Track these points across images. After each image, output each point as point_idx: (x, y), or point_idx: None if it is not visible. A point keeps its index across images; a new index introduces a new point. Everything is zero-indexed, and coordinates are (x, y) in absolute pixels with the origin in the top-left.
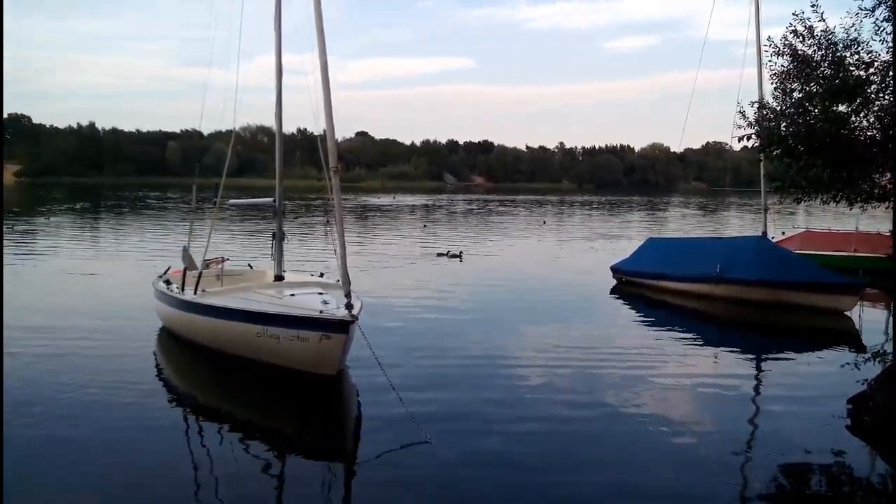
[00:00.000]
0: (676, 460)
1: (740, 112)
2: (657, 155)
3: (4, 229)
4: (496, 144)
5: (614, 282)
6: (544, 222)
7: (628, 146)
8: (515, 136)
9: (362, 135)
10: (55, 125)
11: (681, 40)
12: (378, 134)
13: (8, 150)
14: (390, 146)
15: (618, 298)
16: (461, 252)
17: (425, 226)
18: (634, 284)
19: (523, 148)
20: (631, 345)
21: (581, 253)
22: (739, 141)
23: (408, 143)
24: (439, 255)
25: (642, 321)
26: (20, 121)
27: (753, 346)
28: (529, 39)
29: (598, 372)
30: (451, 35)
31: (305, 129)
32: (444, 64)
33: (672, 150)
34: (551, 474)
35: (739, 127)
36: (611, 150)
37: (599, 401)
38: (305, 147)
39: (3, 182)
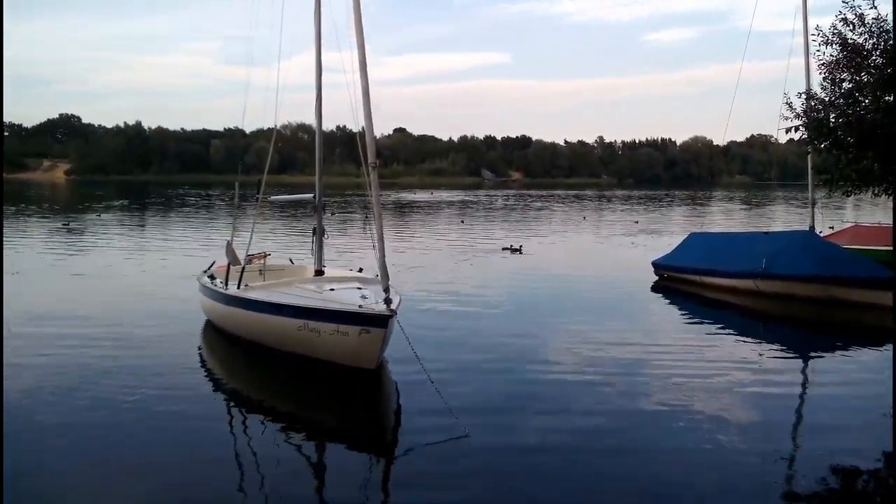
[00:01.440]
0: (718, 458)
1: (787, 103)
2: (699, 148)
3: (57, 225)
4: (534, 139)
5: (655, 278)
6: (584, 218)
7: (670, 140)
8: (554, 130)
9: (400, 131)
10: (103, 124)
11: (724, 32)
12: (416, 130)
13: (58, 150)
14: (428, 142)
15: (659, 294)
16: (521, 246)
17: (462, 221)
18: (676, 280)
19: (562, 143)
20: (672, 341)
21: (621, 248)
22: (787, 133)
23: (445, 139)
24: (504, 249)
25: (684, 317)
26: (70, 121)
27: (800, 343)
28: (568, 33)
29: (639, 368)
30: (488, 30)
31: (345, 127)
32: (482, 59)
33: (715, 143)
34: (589, 470)
35: (786, 118)
36: (651, 144)
37: (639, 397)
38: (345, 144)
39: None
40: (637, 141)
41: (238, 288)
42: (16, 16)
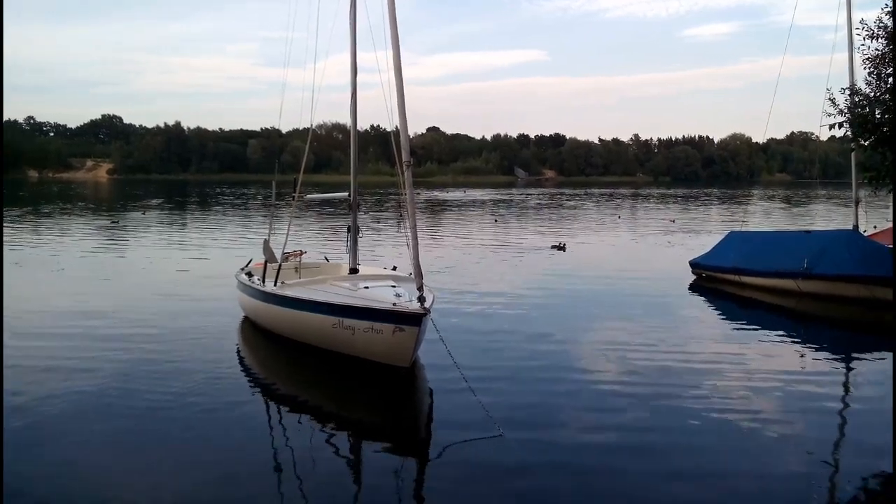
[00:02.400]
0: (756, 462)
1: (830, 99)
2: (738, 146)
3: (99, 223)
4: (568, 137)
5: (693, 277)
6: (619, 217)
7: (707, 137)
8: (588, 128)
9: (434, 130)
10: (144, 125)
11: (764, 27)
12: (449, 129)
13: (101, 149)
14: (461, 141)
15: (697, 294)
16: (564, 244)
17: (496, 220)
18: (715, 280)
19: (596, 141)
20: (710, 342)
21: (658, 247)
22: (829, 129)
23: (478, 137)
24: (553, 247)
25: (723, 318)
26: (112, 121)
27: (843, 345)
28: (604, 29)
29: (675, 369)
30: (523, 28)
31: (378, 126)
32: (517, 57)
33: (754, 140)
34: (624, 471)
35: (829, 115)
36: (688, 142)
37: (676, 400)
38: (378, 143)
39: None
40: (673, 138)
41: (275, 285)
42: (61, 20)
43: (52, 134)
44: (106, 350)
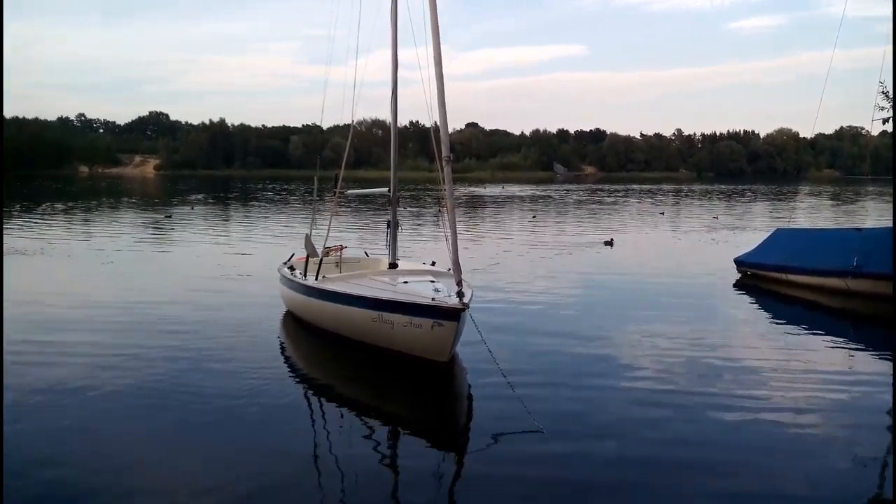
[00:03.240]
0: (801, 468)
1: (883, 93)
2: (784, 141)
3: (153, 217)
4: (608, 132)
5: (738, 275)
6: (662, 213)
7: (752, 132)
8: (629, 123)
9: (472, 126)
10: (190, 122)
11: (812, 18)
12: (487, 125)
13: (148, 146)
14: (500, 137)
15: (742, 293)
16: (612, 239)
17: (534, 217)
18: (760, 278)
19: (637, 136)
20: (755, 342)
21: (701, 244)
22: (884, 123)
23: (517, 133)
24: (605, 243)
25: (768, 317)
26: (159, 118)
27: (893, 346)
28: (646, 23)
29: (719, 372)
30: (563, 22)
31: (417, 122)
32: (557, 52)
33: (801, 135)
34: (664, 473)
35: (881, 108)
36: (733, 137)
37: (718, 401)
38: (417, 139)
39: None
40: (718, 133)
41: (316, 279)
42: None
43: (101, 131)
44: (151, 342)
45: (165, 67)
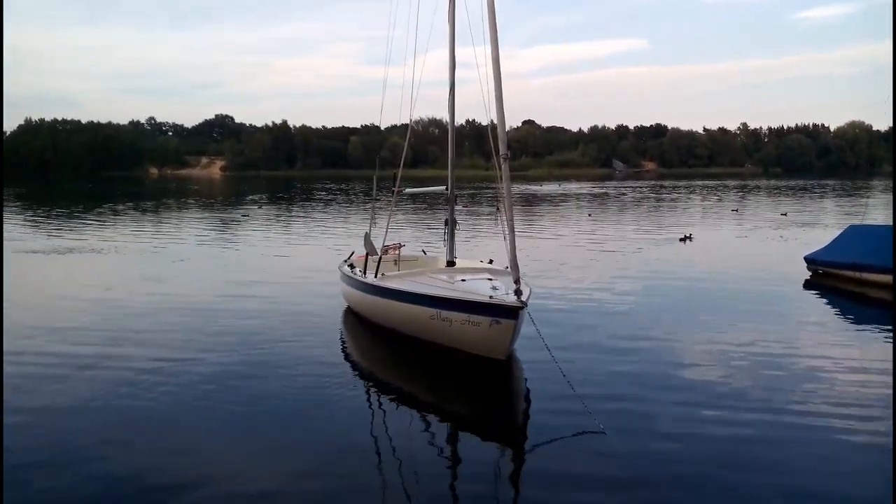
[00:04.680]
0: (873, 474)
1: None
2: (857, 134)
3: (221, 216)
4: (670, 128)
5: (809, 274)
6: (736, 210)
7: (822, 125)
8: (691, 118)
9: (529, 123)
10: (254, 123)
11: (884, 6)
12: (545, 122)
13: (215, 148)
14: (557, 134)
15: (813, 292)
16: (690, 234)
17: (589, 215)
18: (832, 277)
19: (700, 130)
20: (826, 343)
21: (769, 242)
22: None
23: (575, 129)
24: (681, 239)
25: (841, 318)
26: (224, 121)
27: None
28: (709, 14)
29: (787, 374)
30: (623, 16)
31: (473, 120)
32: (615, 46)
33: (875, 128)
34: (729, 477)
35: None
36: (801, 130)
37: (784, 404)
38: (473, 137)
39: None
40: (785, 127)
41: (375, 277)
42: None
43: (170, 133)
44: (217, 338)
45: (230, 71)
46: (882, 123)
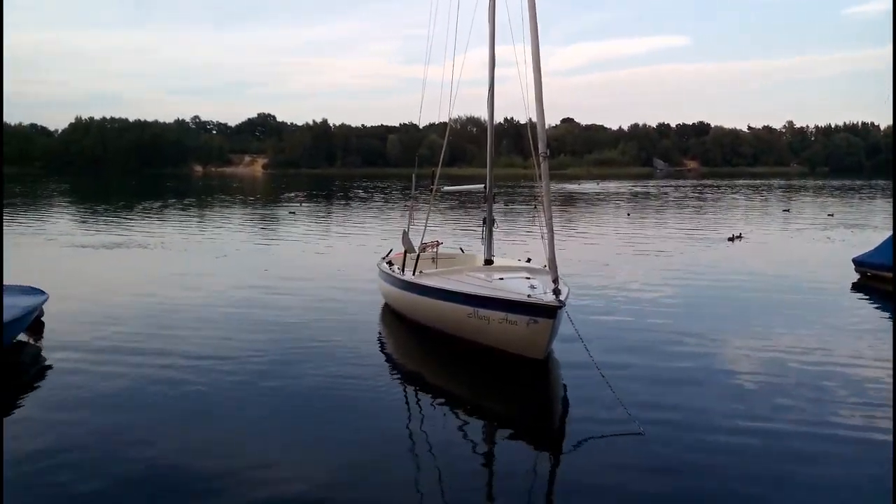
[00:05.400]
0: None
1: None
2: None
3: (266, 212)
4: (713, 126)
5: (857, 276)
6: (787, 210)
7: (872, 124)
8: (735, 116)
9: (568, 121)
10: (295, 122)
11: None
12: (584, 120)
13: (257, 146)
14: (596, 132)
15: (861, 295)
16: (741, 234)
17: (628, 214)
18: (882, 280)
19: (744, 128)
20: (873, 349)
21: (815, 243)
22: None
23: (615, 127)
24: (729, 239)
25: (890, 322)
26: (267, 120)
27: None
28: (753, 10)
29: (830, 378)
30: (664, 12)
31: (512, 119)
32: (656, 43)
33: None
34: (773, 488)
35: None
36: (850, 129)
37: (827, 408)
38: (511, 136)
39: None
40: (833, 125)
41: (413, 274)
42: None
43: (214, 132)
44: (256, 333)
45: (273, 70)
46: None
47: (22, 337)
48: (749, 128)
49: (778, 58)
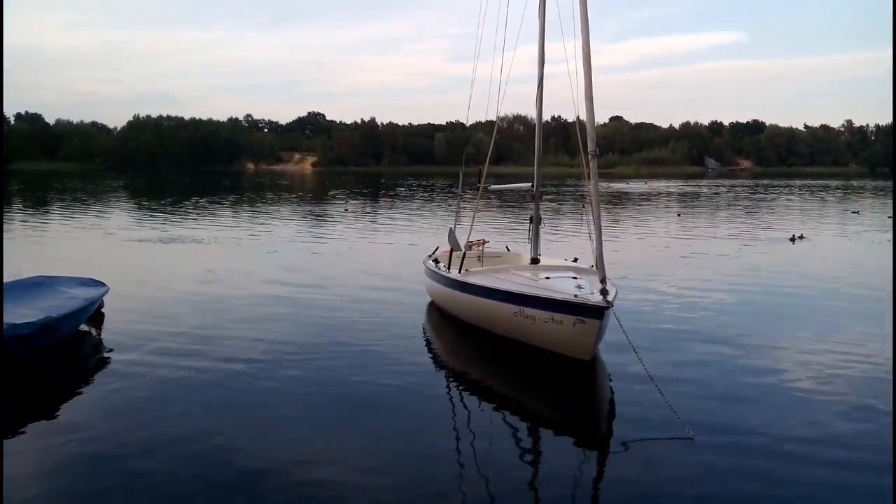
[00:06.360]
0: None
1: None
2: None
3: (315, 209)
4: (767, 124)
5: None
6: (856, 212)
7: None
8: (791, 114)
9: (616, 119)
10: (344, 121)
11: None
12: (633, 118)
13: (307, 144)
14: (646, 130)
15: None
16: (802, 234)
17: (679, 214)
18: None
19: (800, 127)
20: None
21: (875, 246)
22: None
23: (665, 126)
24: (790, 239)
25: None
26: (316, 118)
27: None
28: (811, 5)
29: (887, 387)
30: (719, 7)
31: (559, 117)
32: (711, 39)
33: None
34: (826, 499)
35: None
36: None
37: (884, 418)
38: (558, 134)
39: (302, 171)
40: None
41: (459, 272)
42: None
43: (266, 130)
44: (304, 329)
45: (322, 69)
46: None
47: (84, 327)
48: (805, 126)
49: (836, 54)
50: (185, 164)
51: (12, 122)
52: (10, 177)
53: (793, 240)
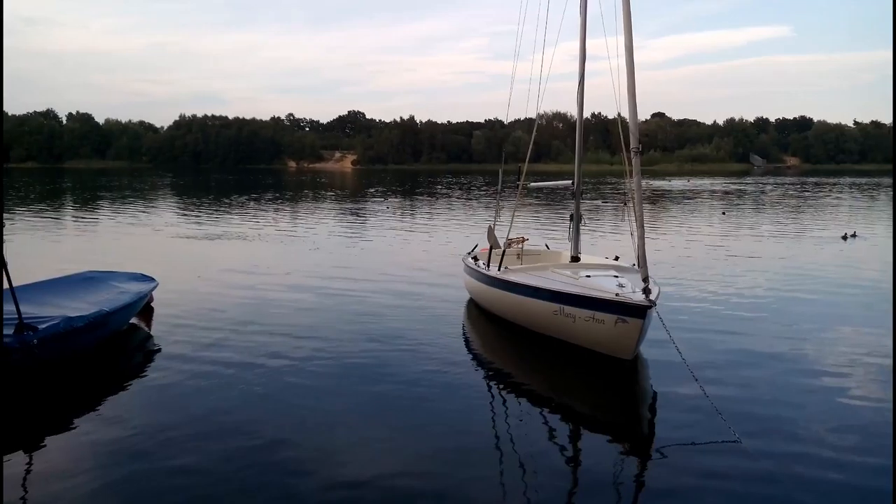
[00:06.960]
0: None
1: None
2: None
3: (355, 206)
4: (815, 121)
5: None
6: None
7: None
8: (840, 110)
9: (659, 116)
10: (383, 119)
11: None
12: (676, 115)
13: (347, 142)
14: (689, 127)
15: None
16: (855, 233)
17: (724, 213)
18: None
19: (850, 124)
20: None
21: None
22: None
23: (709, 122)
24: (842, 237)
25: None
26: (356, 117)
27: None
28: None
29: None
30: (765, 2)
31: (600, 114)
32: (756, 34)
33: None
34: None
35: None
36: None
37: None
38: (598, 131)
39: (342, 169)
40: None
41: (498, 270)
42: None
43: (307, 129)
44: (345, 325)
45: (362, 69)
46: None
47: (134, 321)
48: (855, 123)
49: (887, 49)
50: (228, 162)
51: (64, 121)
52: (62, 175)
53: (845, 238)
